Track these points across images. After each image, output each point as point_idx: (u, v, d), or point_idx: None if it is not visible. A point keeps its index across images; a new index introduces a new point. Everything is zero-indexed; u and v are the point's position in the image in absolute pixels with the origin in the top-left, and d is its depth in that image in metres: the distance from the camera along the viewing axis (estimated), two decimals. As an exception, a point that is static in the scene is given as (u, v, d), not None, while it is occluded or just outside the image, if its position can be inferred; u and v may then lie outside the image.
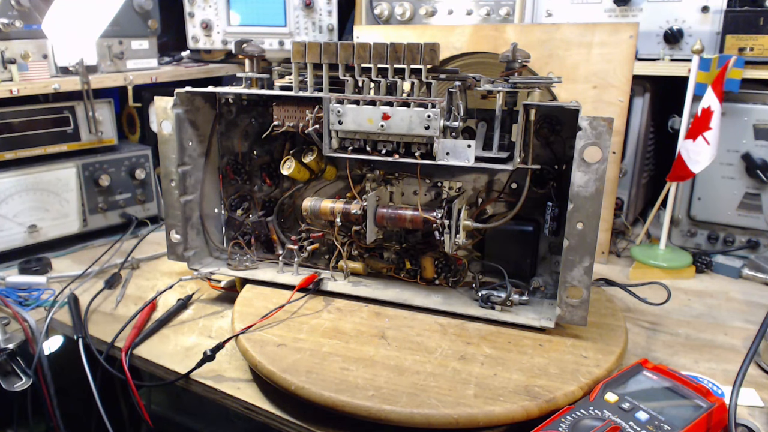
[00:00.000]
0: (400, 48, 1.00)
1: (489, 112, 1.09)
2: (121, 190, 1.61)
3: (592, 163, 0.93)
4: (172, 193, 1.19)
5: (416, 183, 1.16)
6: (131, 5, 1.61)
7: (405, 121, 1.00)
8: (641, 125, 1.51)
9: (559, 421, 0.76)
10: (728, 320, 1.19)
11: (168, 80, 1.72)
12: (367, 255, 1.21)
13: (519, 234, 1.11)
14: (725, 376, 0.99)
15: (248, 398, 0.93)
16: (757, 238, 1.42)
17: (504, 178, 1.13)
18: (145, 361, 1.04)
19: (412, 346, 0.97)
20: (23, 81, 1.41)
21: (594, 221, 0.94)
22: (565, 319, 0.99)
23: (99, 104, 1.56)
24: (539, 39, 1.36)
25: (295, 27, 1.77)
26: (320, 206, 1.14)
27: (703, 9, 1.40)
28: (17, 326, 1.16)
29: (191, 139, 1.20)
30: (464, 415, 0.80)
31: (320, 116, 1.06)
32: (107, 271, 1.37)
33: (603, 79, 1.33)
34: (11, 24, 1.38)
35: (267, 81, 1.17)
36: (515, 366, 0.91)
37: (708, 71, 1.31)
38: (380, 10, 1.71)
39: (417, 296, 1.11)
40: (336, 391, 0.84)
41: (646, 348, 1.07)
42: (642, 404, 0.79)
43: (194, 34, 1.89)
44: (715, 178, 1.41)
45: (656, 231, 1.51)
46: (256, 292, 1.15)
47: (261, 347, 0.95)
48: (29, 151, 1.45)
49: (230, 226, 1.31)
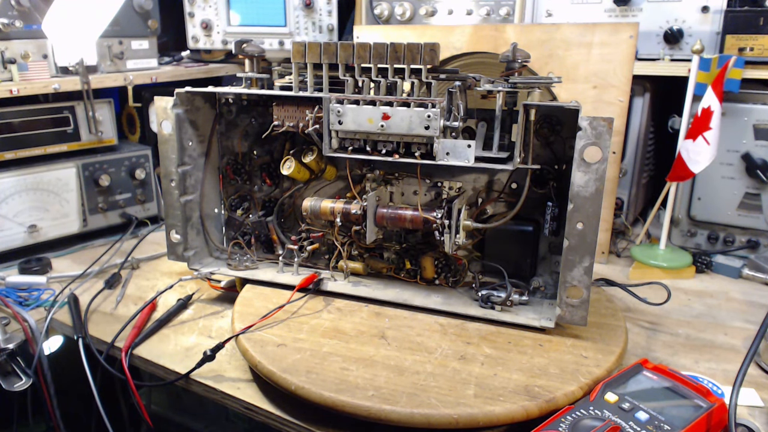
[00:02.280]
0: (400, 48, 1.00)
1: (489, 112, 1.09)
2: (121, 190, 1.61)
3: (592, 163, 0.93)
4: (172, 193, 1.19)
5: (416, 183, 1.16)
6: (131, 5, 1.61)
7: (405, 121, 1.00)
8: (641, 125, 1.51)
9: (559, 421, 0.76)
10: (728, 320, 1.19)
11: (168, 80, 1.72)
12: (367, 255, 1.21)
13: (519, 234, 1.11)
14: (725, 376, 0.99)
15: (248, 398, 0.93)
16: (757, 238, 1.42)
17: (504, 178, 1.13)
18: (145, 361, 1.04)
19: (412, 346, 0.97)
20: (23, 81, 1.41)
21: (594, 221, 0.94)
22: (565, 319, 0.99)
23: (99, 104, 1.56)
24: (539, 39, 1.36)
25: (295, 27, 1.77)
26: (320, 206, 1.14)
27: (703, 9, 1.40)
28: (17, 326, 1.16)
29: (191, 139, 1.20)
30: (464, 415, 0.80)
31: (320, 116, 1.06)
32: (107, 271, 1.37)
33: (603, 79, 1.33)
34: (11, 24, 1.38)
35: (267, 81, 1.17)
36: (515, 366, 0.91)
37: (708, 71, 1.31)
38: (380, 10, 1.71)
39: (417, 296, 1.11)
40: (336, 391, 0.84)
41: (646, 348, 1.07)
42: (642, 404, 0.79)
43: (194, 34, 1.89)
44: (715, 178, 1.41)
45: (656, 231, 1.51)
46: (256, 292, 1.15)
47: (261, 347, 0.95)
48: (29, 151, 1.45)
49: (230, 226, 1.31)
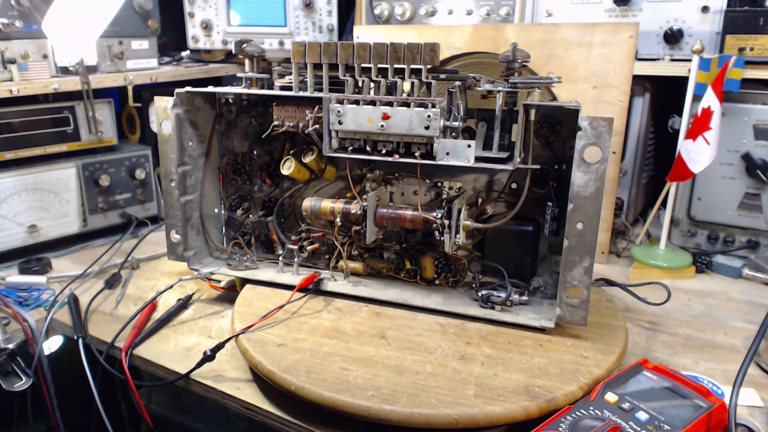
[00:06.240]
0: (400, 48, 1.00)
1: (489, 112, 1.09)
2: (121, 190, 1.61)
3: (592, 163, 0.93)
4: (172, 193, 1.19)
5: (416, 183, 1.16)
6: (131, 5, 1.61)
7: (405, 121, 1.00)
8: (641, 125, 1.51)
9: (559, 421, 0.76)
10: (728, 320, 1.19)
11: (168, 80, 1.72)
12: (367, 255, 1.21)
13: (519, 234, 1.11)
14: (725, 376, 0.99)
15: (248, 398, 0.93)
16: (757, 238, 1.42)
17: (504, 178, 1.13)
18: (145, 361, 1.04)
19: (412, 346, 0.97)
20: (23, 81, 1.41)
21: (594, 221, 0.94)
22: (565, 319, 0.99)
23: (99, 104, 1.55)
24: (539, 39, 1.36)
25: (295, 27, 1.77)
26: (320, 206, 1.14)
27: (703, 9, 1.40)
28: (17, 326, 1.16)
29: (191, 139, 1.20)
30: (464, 415, 0.80)
31: (320, 116, 1.06)
32: (107, 271, 1.37)
33: (603, 79, 1.33)
34: (11, 24, 1.38)
35: (267, 81, 1.17)
36: (515, 366, 0.91)
37: (708, 71, 1.31)
38: (380, 10, 1.71)
39: (417, 296, 1.11)
40: (336, 391, 0.84)
41: (646, 348, 1.07)
42: (642, 404, 0.79)
43: (194, 34, 1.89)
44: (715, 178, 1.41)
45: (656, 231, 1.51)
46: (256, 292, 1.15)
47: (261, 347, 0.95)
48: (29, 151, 1.44)
49: (230, 226, 1.31)
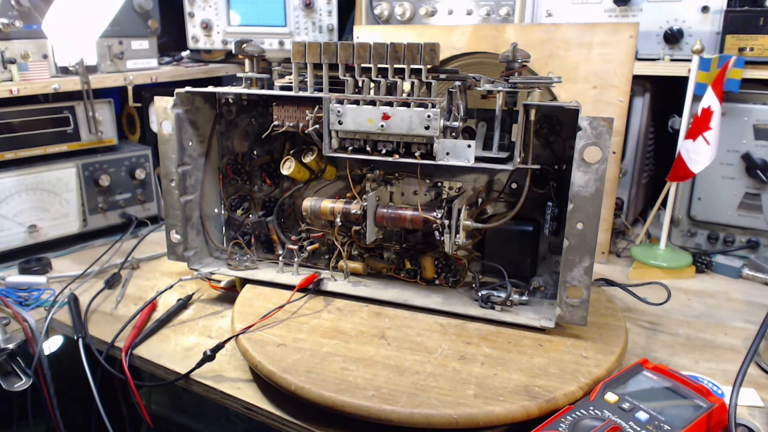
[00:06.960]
0: (400, 48, 1.00)
1: (489, 112, 1.09)
2: (121, 190, 1.61)
3: (592, 163, 0.93)
4: (172, 193, 1.19)
5: (416, 183, 1.16)
6: (131, 5, 1.61)
7: (405, 121, 1.00)
8: (641, 125, 1.51)
9: (559, 421, 0.76)
10: (728, 320, 1.19)
11: (168, 80, 1.72)
12: (367, 255, 1.21)
13: (519, 234, 1.11)
14: (725, 376, 0.99)
15: (248, 398, 0.93)
16: (757, 238, 1.42)
17: (504, 178, 1.13)
18: (145, 361, 1.04)
19: (412, 346, 0.97)
20: (23, 81, 1.41)
21: (594, 221, 0.94)
22: (565, 319, 0.99)
23: (99, 104, 1.55)
24: (539, 39, 1.36)
25: (295, 27, 1.77)
26: (320, 206, 1.14)
27: (703, 9, 1.40)
28: (17, 326, 1.16)
29: (191, 139, 1.20)
30: (464, 415, 0.80)
31: (320, 116, 1.06)
32: (107, 271, 1.37)
33: (603, 79, 1.33)
34: (11, 24, 1.38)
35: (267, 81, 1.17)
36: (515, 366, 0.91)
37: (708, 71, 1.31)
38: (380, 10, 1.71)
39: (417, 296, 1.11)
40: (336, 391, 0.84)
41: (646, 348, 1.07)
42: (642, 404, 0.79)
43: (194, 34, 1.89)
44: (715, 178, 1.41)
45: (656, 231, 1.51)
46: (256, 292, 1.15)
47: (261, 347, 0.95)
48: (29, 151, 1.44)
49: (230, 226, 1.31)
